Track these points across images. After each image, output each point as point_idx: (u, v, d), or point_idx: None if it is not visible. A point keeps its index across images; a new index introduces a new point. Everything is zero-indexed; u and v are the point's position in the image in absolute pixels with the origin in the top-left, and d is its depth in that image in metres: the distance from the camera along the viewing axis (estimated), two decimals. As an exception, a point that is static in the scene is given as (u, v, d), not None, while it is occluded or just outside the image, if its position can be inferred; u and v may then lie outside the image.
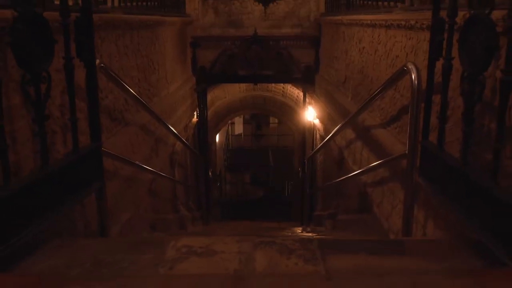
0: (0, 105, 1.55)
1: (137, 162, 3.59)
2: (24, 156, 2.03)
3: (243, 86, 11.20)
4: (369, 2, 4.91)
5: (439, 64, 2.13)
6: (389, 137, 3.60)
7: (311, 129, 8.62)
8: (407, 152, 2.62)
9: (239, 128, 23.33)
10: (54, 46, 1.82)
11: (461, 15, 1.98)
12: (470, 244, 1.82)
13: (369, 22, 4.39)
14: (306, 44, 8.19)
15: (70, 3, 2.28)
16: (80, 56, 2.07)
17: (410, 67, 2.61)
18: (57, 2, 2.03)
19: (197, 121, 8.14)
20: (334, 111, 6.28)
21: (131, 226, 3.73)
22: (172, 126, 4.95)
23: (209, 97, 8.88)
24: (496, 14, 1.75)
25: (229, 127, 21.32)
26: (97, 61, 2.43)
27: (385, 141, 3.63)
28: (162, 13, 5.40)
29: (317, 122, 7.96)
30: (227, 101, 11.76)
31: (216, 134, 13.43)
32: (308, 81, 8.16)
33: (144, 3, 4.89)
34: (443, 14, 2.08)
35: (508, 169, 1.83)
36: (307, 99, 8.46)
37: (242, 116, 20.59)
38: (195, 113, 8.03)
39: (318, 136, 8.27)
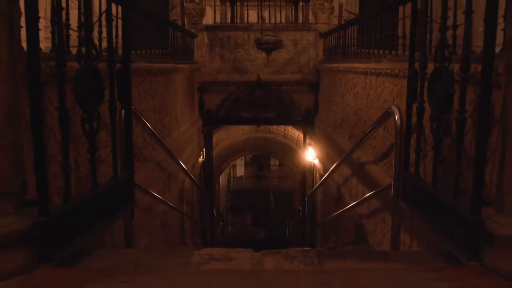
0: (67, 139, 1.99)
1: (155, 193, 4.00)
2: (69, 182, 2.45)
3: (246, 128, 11.73)
4: (362, 50, 5.45)
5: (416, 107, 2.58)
6: (381, 172, 4.03)
7: (311, 169, 9.06)
8: (393, 182, 3.04)
9: (240, 171, 23.79)
10: (104, 91, 2.28)
11: (431, 67, 2.44)
12: (441, 254, 2.22)
13: (361, 70, 4.90)
14: (306, 89, 8.75)
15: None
16: (120, 99, 2.53)
17: (394, 109, 3.07)
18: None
19: (203, 161, 8.60)
20: (332, 151, 6.72)
21: (148, 252, 4.10)
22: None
23: (214, 138, 9.38)
24: (457, 67, 2.21)
25: (231, 170, 21.76)
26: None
27: (377, 176, 4.05)
28: (175, 61, 5.96)
29: (316, 162, 8.40)
30: (231, 142, 12.29)
31: (220, 174, 13.88)
32: (308, 123, 8.66)
33: (160, 51, 5.43)
34: (418, 65, 2.55)
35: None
36: (307, 140, 8.95)
37: (243, 158, 21.07)
38: (201, 153, 8.49)
39: (318, 175, 8.69)
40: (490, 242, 1.88)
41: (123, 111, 2.65)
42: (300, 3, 9.55)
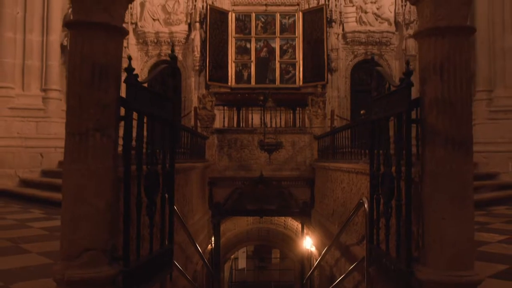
0: (140, 218, 3.04)
1: (179, 267, 4.94)
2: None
3: (250, 219, 12.72)
4: (347, 150, 6.64)
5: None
6: (361, 251, 4.98)
7: (309, 256, 9.92)
8: (365, 254, 4.02)
9: (242, 263, 24.25)
10: (159, 186, 3.37)
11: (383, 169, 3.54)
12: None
13: (346, 168, 6.03)
14: (303, 184, 9.85)
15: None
16: (167, 192, 3.60)
17: (363, 200, 4.14)
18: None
19: (211, 249, 9.49)
20: (326, 239, 7.66)
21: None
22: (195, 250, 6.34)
23: (221, 228, 10.33)
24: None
25: (233, 263, 22.28)
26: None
27: (359, 254, 5.00)
28: (193, 161, 7.13)
29: (313, 250, 9.29)
30: (236, 232, 13.22)
31: (225, 263, 14.61)
32: (305, 214, 9.68)
33: (180, 150, 6.60)
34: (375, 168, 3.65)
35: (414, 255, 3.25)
36: (305, 230, 9.89)
37: (245, 251, 21.70)
38: (210, 241, 9.41)
39: (315, 262, 9.52)
40: (419, 286, 2.86)
41: (166, 200, 3.72)
42: (297, 109, 10.96)
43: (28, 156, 10.61)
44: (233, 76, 12.72)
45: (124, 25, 3.01)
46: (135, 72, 2.95)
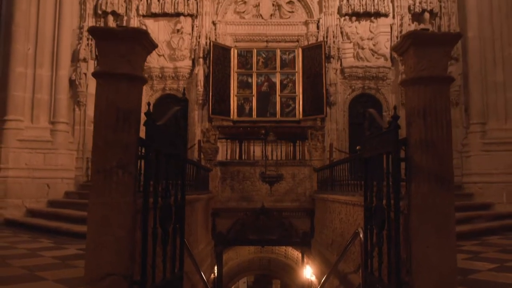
0: (155, 247, 3.36)
1: (187, 294, 5.21)
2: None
3: (252, 248, 12.96)
4: (345, 181, 6.97)
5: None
6: (359, 279, 5.27)
7: (309, 285, 10.13)
8: (361, 281, 4.32)
9: (243, 293, 24.24)
10: (172, 217, 3.70)
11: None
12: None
13: (343, 200, 6.36)
14: (303, 215, 10.13)
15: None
16: (178, 223, 3.93)
17: (359, 230, 4.46)
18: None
19: (214, 278, 9.72)
20: (325, 268, 7.91)
21: None
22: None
23: (224, 257, 10.57)
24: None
25: (233, 293, 22.32)
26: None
27: (355, 282, 5.29)
28: (198, 192, 7.45)
29: (313, 278, 9.52)
30: (238, 261, 13.43)
31: (225, 293, 14.78)
32: (305, 244, 9.93)
33: (187, 182, 6.93)
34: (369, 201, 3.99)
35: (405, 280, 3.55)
36: (305, 260, 10.14)
37: (246, 281, 21.76)
38: (213, 270, 9.64)
39: (315, 291, 9.74)
40: (408, 308, 3.17)
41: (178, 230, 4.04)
42: (298, 142, 11.33)
43: (35, 186, 10.95)
44: (235, 110, 13.13)
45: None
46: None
